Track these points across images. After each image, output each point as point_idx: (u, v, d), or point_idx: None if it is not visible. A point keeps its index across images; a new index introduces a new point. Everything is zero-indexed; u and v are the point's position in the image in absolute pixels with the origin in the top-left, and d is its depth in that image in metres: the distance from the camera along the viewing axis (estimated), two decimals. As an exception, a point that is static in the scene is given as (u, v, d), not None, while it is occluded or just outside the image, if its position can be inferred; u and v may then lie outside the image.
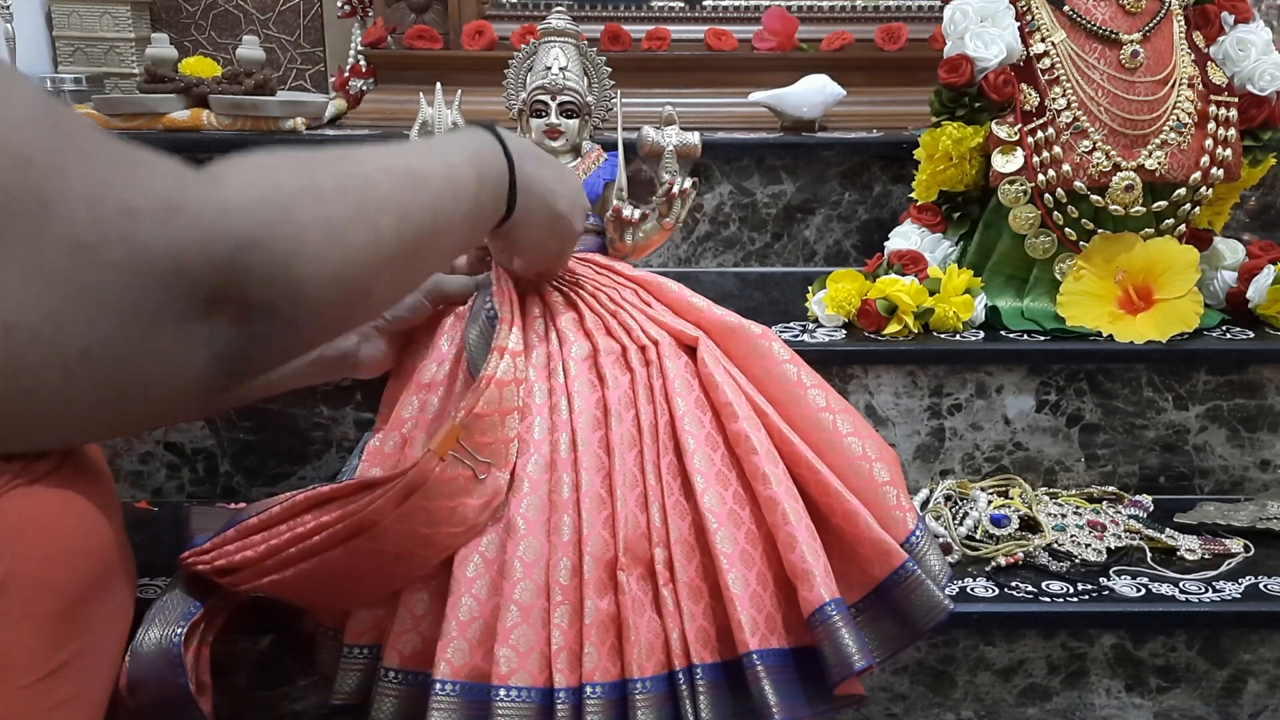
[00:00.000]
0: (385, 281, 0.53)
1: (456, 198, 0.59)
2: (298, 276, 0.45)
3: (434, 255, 0.59)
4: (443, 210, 0.57)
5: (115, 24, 1.80)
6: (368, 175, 0.52)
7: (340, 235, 0.48)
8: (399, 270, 0.55)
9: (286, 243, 0.44)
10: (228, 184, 0.43)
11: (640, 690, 0.68)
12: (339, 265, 0.48)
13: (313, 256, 0.46)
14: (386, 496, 0.67)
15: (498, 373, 0.72)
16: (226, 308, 0.42)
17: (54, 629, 0.65)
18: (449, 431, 0.69)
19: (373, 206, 0.51)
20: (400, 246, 0.53)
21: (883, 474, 0.77)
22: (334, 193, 0.49)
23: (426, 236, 0.56)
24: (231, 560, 0.74)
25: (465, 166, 0.61)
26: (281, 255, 0.44)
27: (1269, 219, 1.41)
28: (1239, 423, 1.08)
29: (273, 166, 0.47)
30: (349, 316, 0.52)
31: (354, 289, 0.49)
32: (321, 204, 0.47)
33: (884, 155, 1.37)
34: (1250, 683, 0.93)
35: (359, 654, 0.75)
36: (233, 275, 0.42)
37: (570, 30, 0.88)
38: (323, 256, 0.46)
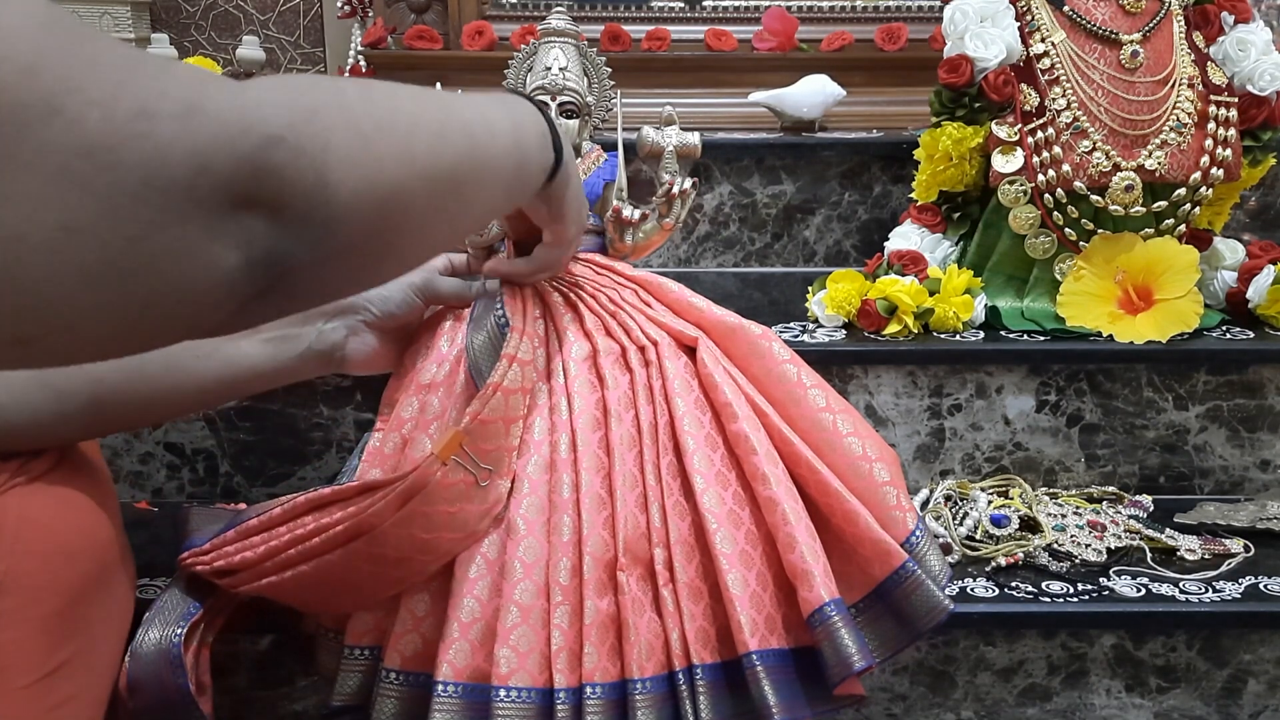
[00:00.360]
0: (424, 203, 0.51)
1: (492, 132, 0.58)
2: (327, 177, 0.43)
3: (477, 190, 0.57)
4: (478, 141, 0.56)
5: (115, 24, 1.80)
6: (394, 94, 0.51)
7: (370, 142, 0.47)
8: (439, 195, 0.53)
9: (314, 141, 0.43)
10: (249, 88, 0.42)
11: (640, 690, 0.68)
12: (371, 170, 0.46)
13: (343, 157, 0.44)
14: (387, 500, 0.67)
15: (505, 380, 0.72)
16: (257, 205, 0.41)
17: (54, 629, 0.65)
18: (452, 436, 0.69)
19: (403, 119, 0.50)
20: (437, 166, 0.52)
21: (883, 474, 0.77)
22: (361, 104, 0.48)
23: (466, 165, 0.54)
24: (230, 562, 0.74)
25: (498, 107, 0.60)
26: (309, 153, 0.43)
27: (1269, 219, 1.41)
28: (1239, 423, 1.08)
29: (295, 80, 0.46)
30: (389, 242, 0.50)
31: (391, 202, 0.48)
32: (347, 110, 0.46)
33: (884, 155, 1.37)
34: (1250, 683, 0.93)
35: (360, 655, 0.75)
36: (259, 171, 0.41)
37: (570, 30, 0.88)
38: (354, 158, 0.45)
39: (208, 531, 0.79)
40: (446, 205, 0.54)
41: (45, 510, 0.67)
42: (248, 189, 0.40)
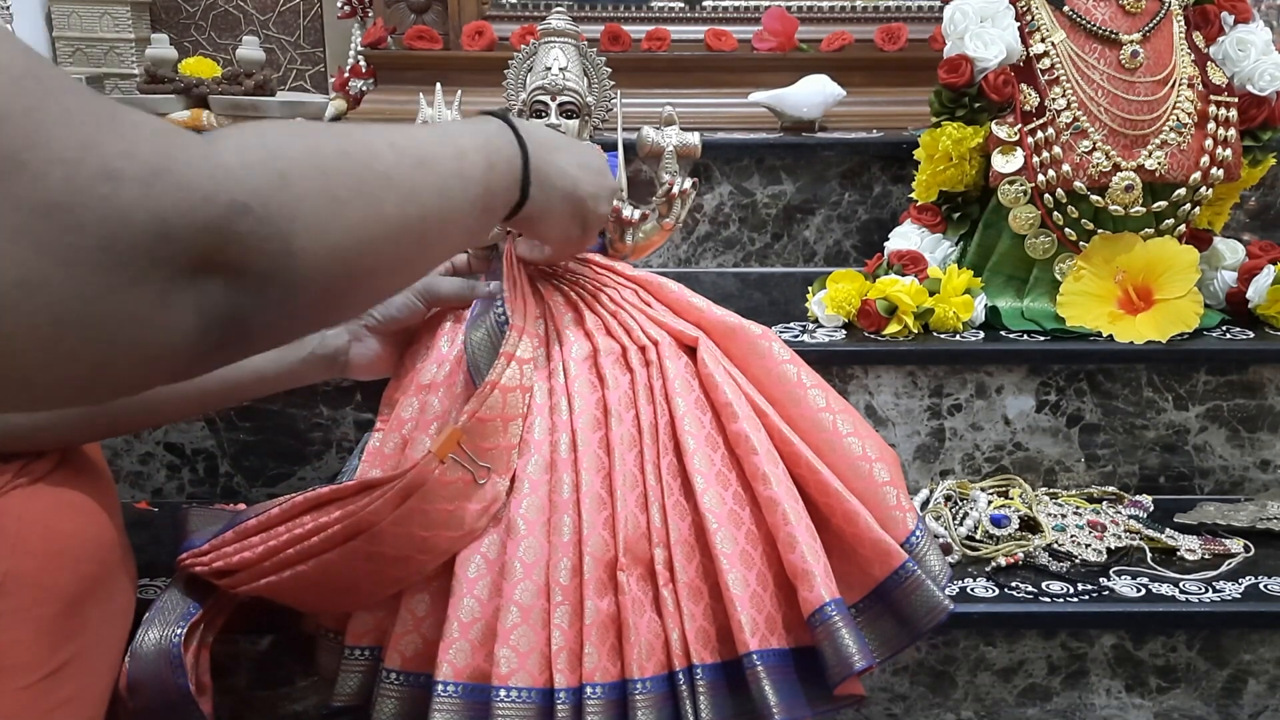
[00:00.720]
0: (388, 261, 0.51)
1: (465, 181, 0.58)
2: (292, 247, 0.43)
3: (440, 240, 0.57)
4: (450, 193, 0.56)
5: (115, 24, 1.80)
6: (373, 149, 0.51)
7: (340, 207, 0.46)
8: (403, 251, 0.53)
9: (282, 210, 0.43)
10: (221, 148, 0.42)
11: (640, 690, 0.68)
12: (338, 236, 0.46)
13: (309, 226, 0.44)
14: (385, 497, 0.67)
15: (503, 378, 0.72)
16: (217, 270, 0.41)
17: (54, 629, 0.65)
18: (450, 434, 0.69)
19: (376, 181, 0.50)
20: (405, 226, 0.51)
21: (883, 474, 0.77)
22: (335, 162, 0.47)
23: (434, 218, 0.54)
24: (229, 562, 0.74)
25: (475, 153, 0.60)
26: (276, 222, 0.42)
27: (1269, 219, 1.41)
28: (1239, 423, 1.08)
29: (273, 134, 0.45)
30: (350, 296, 0.50)
31: (355, 265, 0.48)
32: (321, 174, 0.46)
33: (884, 155, 1.37)
34: (1250, 683, 0.93)
35: (360, 655, 0.75)
36: (222, 240, 0.40)
37: (570, 30, 0.88)
38: (321, 227, 0.45)
39: (207, 532, 0.79)
40: (411, 257, 0.54)
41: (46, 511, 0.67)
42: (208, 255, 0.40)
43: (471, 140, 0.60)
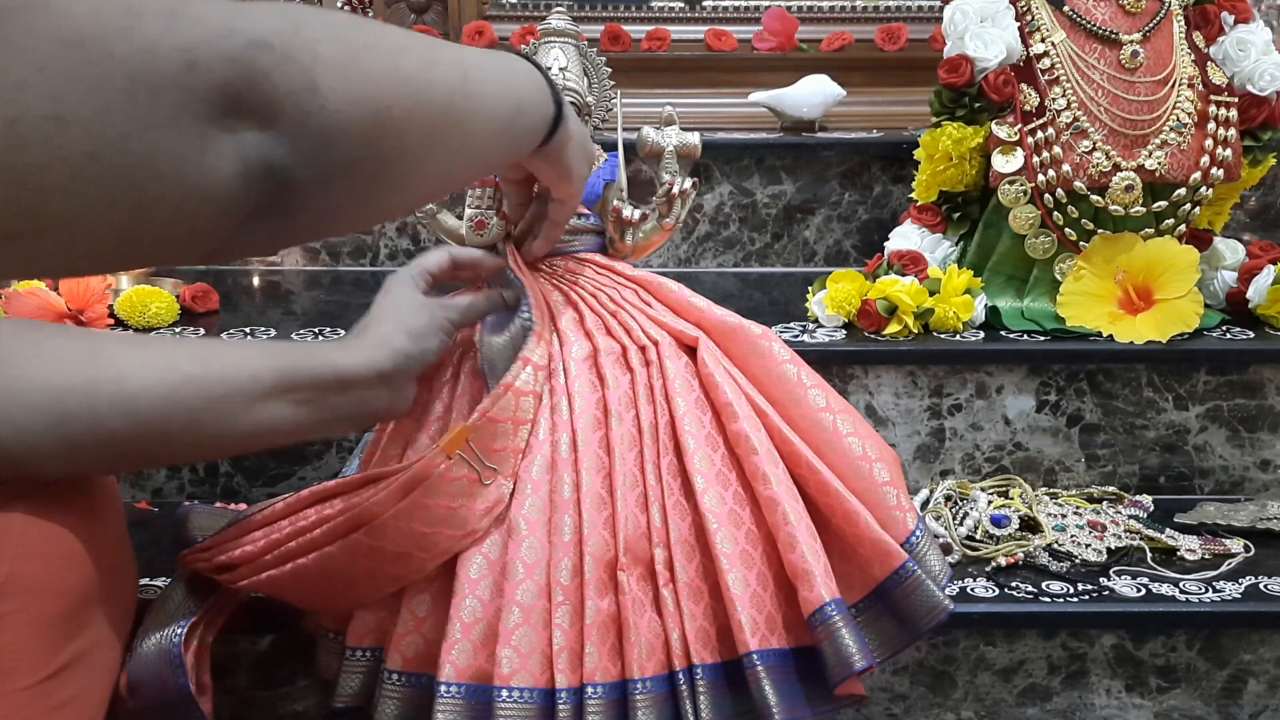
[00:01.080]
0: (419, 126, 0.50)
1: (484, 71, 0.57)
2: (317, 84, 0.43)
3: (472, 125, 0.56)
4: (471, 76, 0.55)
5: (115, 24, 1.80)
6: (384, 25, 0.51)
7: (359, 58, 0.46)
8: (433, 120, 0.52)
9: (302, 50, 0.43)
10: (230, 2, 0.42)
11: (641, 690, 0.68)
12: (361, 82, 0.46)
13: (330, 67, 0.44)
14: (389, 490, 0.68)
15: (518, 382, 0.72)
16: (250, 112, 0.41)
17: (55, 630, 0.65)
18: (459, 431, 0.69)
19: (392, 42, 0.50)
20: (429, 89, 0.51)
21: (883, 474, 0.77)
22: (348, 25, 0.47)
23: (459, 94, 0.53)
24: (231, 556, 0.74)
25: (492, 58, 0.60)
26: (298, 60, 0.42)
27: (1269, 219, 1.42)
28: (1239, 423, 1.08)
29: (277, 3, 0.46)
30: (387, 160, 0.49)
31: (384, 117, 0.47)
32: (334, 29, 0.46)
33: (884, 155, 1.37)
34: (1250, 683, 0.93)
35: (361, 656, 0.75)
36: (249, 74, 0.40)
37: (570, 31, 0.88)
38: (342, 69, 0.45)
39: (209, 530, 0.79)
40: (443, 134, 0.53)
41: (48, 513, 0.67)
42: (239, 92, 0.40)
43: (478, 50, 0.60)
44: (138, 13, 0.38)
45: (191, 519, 0.86)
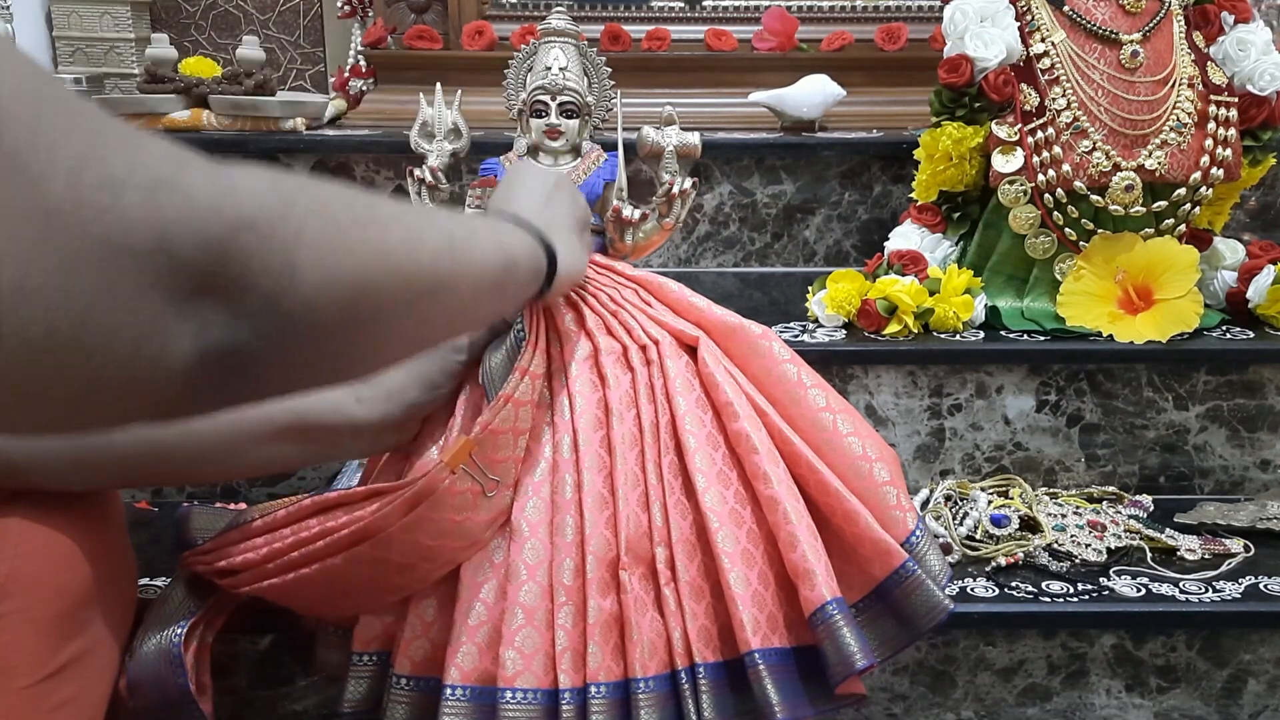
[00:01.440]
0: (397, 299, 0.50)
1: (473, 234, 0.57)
2: (296, 264, 0.42)
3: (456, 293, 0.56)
4: (458, 242, 0.55)
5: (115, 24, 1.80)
6: (371, 195, 0.51)
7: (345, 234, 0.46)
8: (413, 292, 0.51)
9: (286, 227, 0.42)
10: (227, 170, 0.41)
11: (643, 690, 0.68)
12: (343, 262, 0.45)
13: (314, 246, 0.43)
14: (394, 505, 0.67)
15: (516, 393, 0.72)
16: (216, 292, 0.40)
17: (55, 630, 0.65)
18: (462, 445, 0.69)
19: (382, 221, 0.49)
20: (414, 262, 0.50)
21: (883, 474, 0.77)
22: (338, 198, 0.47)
23: (445, 262, 0.53)
24: (232, 562, 0.74)
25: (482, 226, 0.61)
26: (280, 239, 0.42)
27: (1269, 219, 1.41)
28: (1239, 423, 1.08)
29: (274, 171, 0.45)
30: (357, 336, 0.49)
31: (360, 295, 0.47)
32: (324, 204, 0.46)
33: (884, 155, 1.37)
34: (1250, 683, 0.93)
35: (368, 661, 0.75)
36: (225, 257, 0.39)
37: (570, 30, 0.88)
38: (325, 249, 0.44)
39: (209, 531, 0.79)
40: (422, 305, 0.53)
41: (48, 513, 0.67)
42: (209, 273, 0.39)
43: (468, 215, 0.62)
44: (119, 185, 0.37)
45: (192, 519, 0.86)
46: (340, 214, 0.46)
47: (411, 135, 0.89)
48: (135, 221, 0.37)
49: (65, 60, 1.81)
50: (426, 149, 0.88)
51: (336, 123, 1.56)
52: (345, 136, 1.42)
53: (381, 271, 0.48)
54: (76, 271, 0.36)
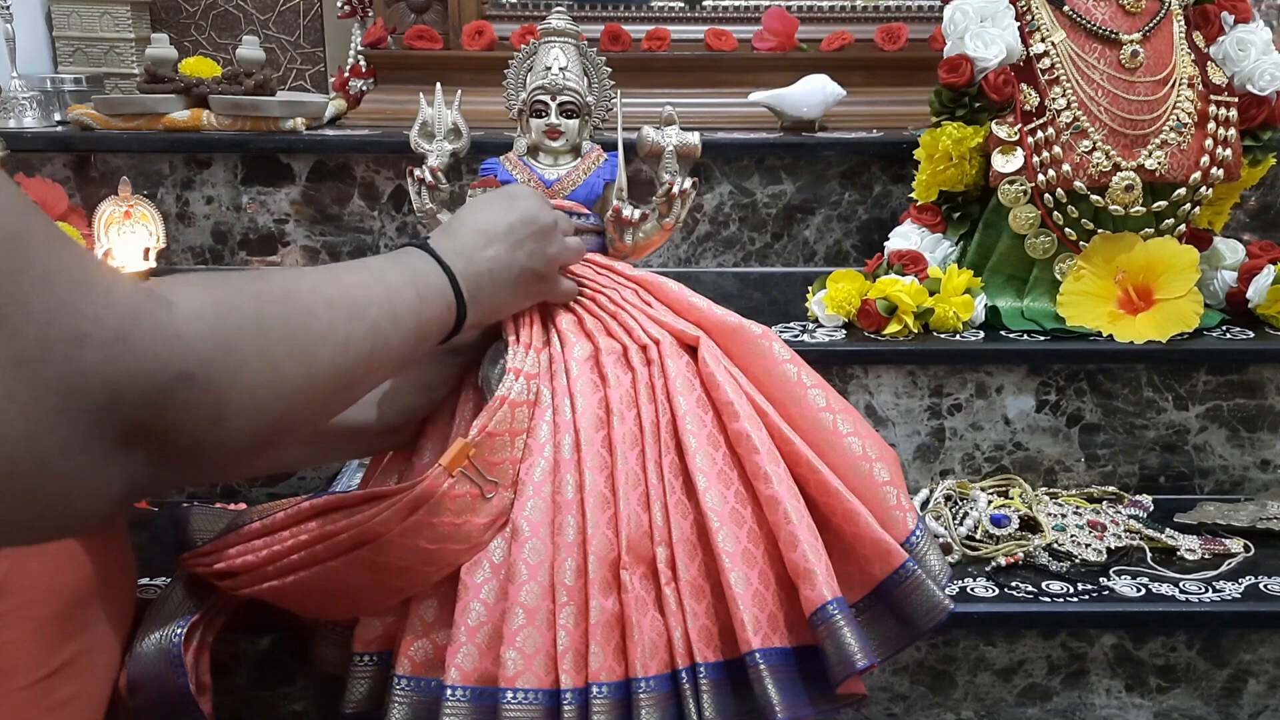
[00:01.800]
0: (315, 409, 0.56)
1: (396, 320, 0.61)
2: (224, 414, 0.46)
3: (370, 376, 0.61)
4: (382, 336, 0.59)
5: (115, 24, 1.80)
6: (310, 310, 0.54)
7: (277, 370, 0.50)
8: (331, 398, 0.57)
9: (223, 376, 0.46)
10: (178, 313, 0.44)
11: (644, 689, 0.68)
12: (272, 400, 0.50)
13: (246, 391, 0.47)
14: (393, 509, 0.67)
15: (511, 393, 0.72)
16: (149, 440, 0.43)
17: (55, 629, 0.65)
18: (460, 448, 0.69)
19: (313, 341, 0.53)
20: (335, 378, 0.55)
21: (883, 474, 0.77)
22: (277, 327, 0.51)
23: (364, 363, 0.58)
24: (232, 564, 0.74)
25: (405, 288, 0.63)
26: (215, 390, 0.45)
27: (1269, 219, 1.41)
28: (1239, 423, 1.08)
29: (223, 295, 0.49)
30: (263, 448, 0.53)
31: (281, 421, 0.51)
32: (264, 337, 0.49)
33: (884, 155, 1.37)
34: (1250, 683, 0.93)
35: (368, 661, 0.75)
36: (162, 410, 0.43)
37: (570, 30, 0.88)
38: (257, 392, 0.48)
39: (208, 532, 0.79)
40: (339, 400, 0.59)
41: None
42: (145, 426, 0.42)
43: (400, 276, 0.63)
44: (82, 341, 0.40)
45: (191, 520, 0.85)
46: (276, 348, 0.50)
47: (411, 135, 0.89)
48: (92, 375, 0.40)
49: (65, 60, 1.81)
50: (426, 149, 0.88)
51: (336, 123, 1.56)
52: (345, 136, 1.42)
53: (307, 394, 0.53)
54: (39, 422, 0.39)
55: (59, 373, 0.39)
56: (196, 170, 1.39)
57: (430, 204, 0.86)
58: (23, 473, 0.39)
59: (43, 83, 1.58)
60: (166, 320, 0.44)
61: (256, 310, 0.50)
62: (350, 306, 0.57)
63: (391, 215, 1.40)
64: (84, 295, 0.40)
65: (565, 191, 0.85)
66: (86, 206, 1.34)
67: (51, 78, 1.62)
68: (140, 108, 1.41)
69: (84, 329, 0.40)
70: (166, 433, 0.44)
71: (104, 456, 0.41)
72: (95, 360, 0.40)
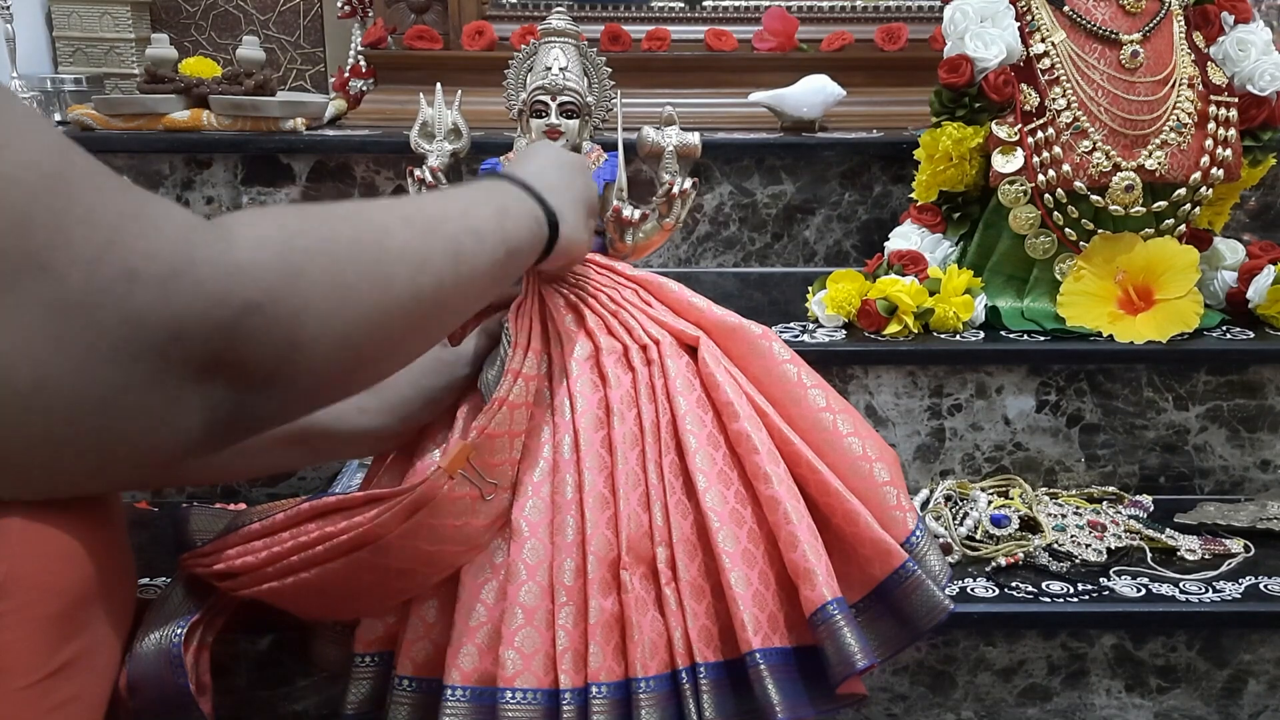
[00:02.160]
0: (401, 330, 0.52)
1: (479, 236, 0.58)
2: (299, 340, 0.44)
3: (456, 302, 0.58)
4: (465, 251, 0.56)
5: (115, 24, 1.80)
6: (384, 225, 0.51)
7: (350, 294, 0.47)
8: (417, 319, 0.53)
9: (293, 304, 0.43)
10: (239, 242, 0.42)
11: (644, 690, 0.68)
12: (347, 325, 0.47)
13: (320, 316, 0.45)
14: (393, 511, 0.67)
15: (510, 395, 0.72)
16: (224, 371, 0.41)
17: (54, 630, 0.65)
18: (460, 450, 0.69)
19: (389, 259, 0.50)
20: (416, 298, 0.52)
21: (883, 474, 0.77)
22: (347, 249, 0.48)
23: (448, 282, 0.54)
24: (231, 565, 0.73)
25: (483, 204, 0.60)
26: (285, 319, 0.43)
27: (1269, 219, 1.42)
28: (1239, 423, 1.08)
29: (292, 222, 0.46)
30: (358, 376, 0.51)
31: (362, 350, 0.48)
32: (333, 261, 0.46)
33: (884, 155, 1.37)
34: (1250, 683, 0.93)
35: (370, 662, 0.75)
36: (232, 341, 0.41)
37: (570, 30, 0.88)
38: (331, 317, 0.45)
39: (208, 532, 0.79)
40: (425, 325, 0.55)
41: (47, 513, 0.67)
42: (218, 355, 0.40)
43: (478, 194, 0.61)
44: (134, 278, 0.38)
45: (190, 521, 0.85)
46: (348, 269, 0.47)
47: (411, 135, 0.89)
48: (148, 314, 0.38)
49: (65, 60, 1.81)
50: (426, 149, 0.88)
51: (336, 123, 1.56)
52: (345, 136, 1.42)
53: (386, 319, 0.50)
54: (94, 365, 0.37)
55: (112, 314, 0.37)
56: (197, 170, 1.39)
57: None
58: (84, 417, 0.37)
59: (43, 83, 1.59)
60: (226, 250, 0.41)
61: (325, 231, 0.47)
62: (425, 221, 0.54)
63: (391, 215, 1.40)
64: (133, 231, 0.39)
65: (565, 192, 0.84)
66: (86, 206, 1.33)
67: (51, 78, 1.62)
68: (140, 108, 1.41)
69: (134, 266, 0.38)
70: (242, 363, 0.41)
71: (178, 391, 0.39)
72: (150, 298, 0.38)
